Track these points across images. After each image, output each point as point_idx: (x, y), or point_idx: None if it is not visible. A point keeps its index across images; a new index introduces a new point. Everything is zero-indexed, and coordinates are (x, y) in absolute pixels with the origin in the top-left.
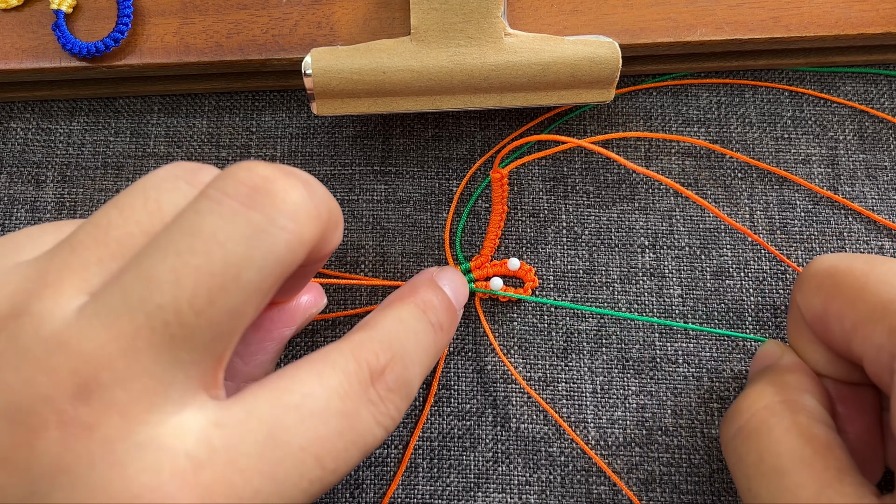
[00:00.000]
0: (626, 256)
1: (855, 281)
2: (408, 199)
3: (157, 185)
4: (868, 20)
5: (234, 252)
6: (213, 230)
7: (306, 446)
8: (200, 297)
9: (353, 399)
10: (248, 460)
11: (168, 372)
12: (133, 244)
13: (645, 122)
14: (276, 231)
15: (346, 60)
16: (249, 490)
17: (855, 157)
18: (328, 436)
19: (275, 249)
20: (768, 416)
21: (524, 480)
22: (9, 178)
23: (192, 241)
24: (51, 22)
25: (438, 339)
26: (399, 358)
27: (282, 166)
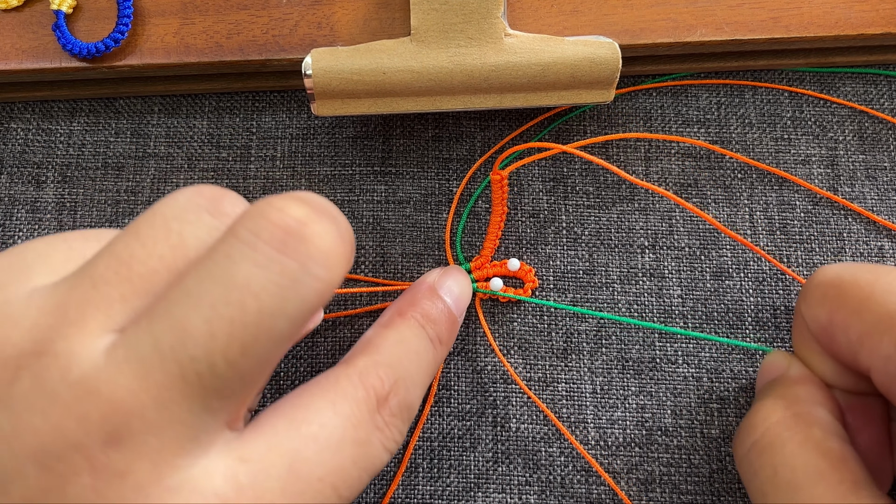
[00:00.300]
0: (625, 257)
1: (860, 291)
2: (408, 199)
3: (179, 215)
4: (868, 20)
5: (268, 304)
6: (247, 280)
7: (324, 477)
8: (234, 349)
9: (365, 427)
10: (273, 495)
11: (199, 419)
12: (157, 280)
13: (645, 123)
14: (309, 280)
15: (346, 61)
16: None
17: (855, 158)
18: (343, 465)
19: (307, 298)
20: (782, 431)
21: (524, 480)
22: (9, 178)
23: (227, 291)
24: (51, 22)
25: (438, 353)
26: (402, 381)
27: (312, 202)
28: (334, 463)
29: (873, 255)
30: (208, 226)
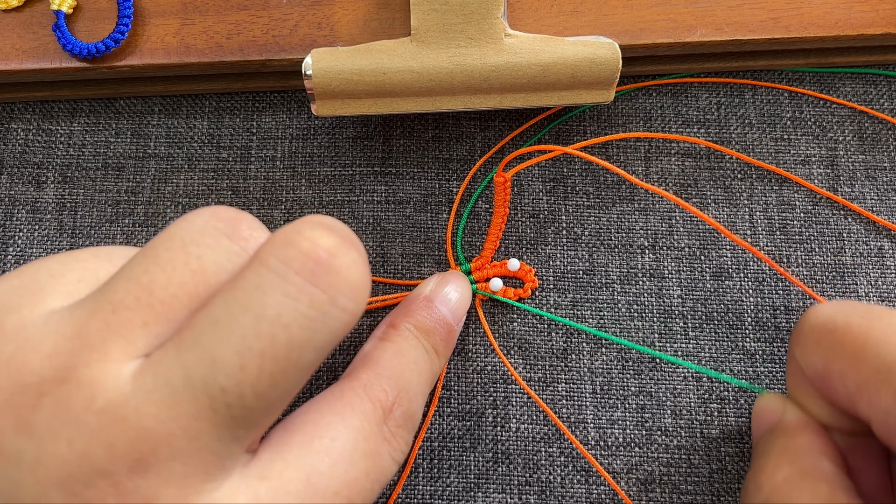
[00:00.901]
0: (625, 257)
1: (854, 340)
2: (408, 200)
3: (197, 239)
4: (868, 21)
5: (298, 336)
6: (278, 312)
7: (340, 490)
8: (264, 381)
9: (374, 438)
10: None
11: (226, 447)
12: (178, 307)
13: (645, 123)
14: (338, 312)
15: (346, 61)
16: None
17: (854, 158)
18: (357, 477)
19: (335, 330)
20: (789, 491)
21: (524, 480)
22: (9, 178)
23: (257, 322)
24: (51, 22)
25: (435, 364)
26: (404, 392)
27: (340, 231)
28: (349, 476)
29: (873, 255)
30: (227, 251)
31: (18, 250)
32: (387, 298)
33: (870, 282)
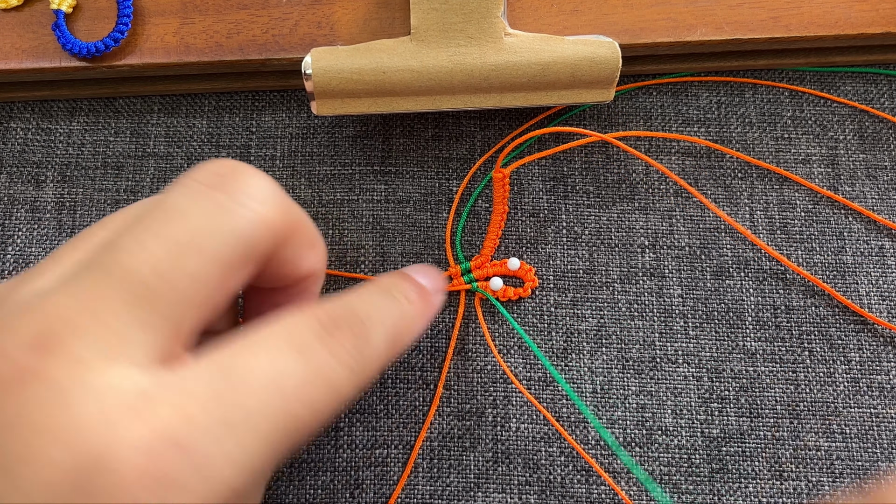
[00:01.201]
0: (626, 256)
1: None
2: (408, 198)
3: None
4: (868, 20)
5: (197, 223)
6: (177, 205)
7: (264, 388)
8: (164, 261)
9: (309, 343)
10: (206, 399)
11: (128, 329)
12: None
13: (645, 122)
14: (237, 207)
15: (346, 60)
16: (209, 421)
17: (855, 157)
18: (288, 372)
19: (237, 225)
20: None
21: (524, 480)
22: (9, 178)
23: (159, 213)
24: (51, 22)
25: (406, 308)
26: (356, 317)
27: (248, 165)
28: (276, 381)
29: (874, 255)
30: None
31: (18, 249)
32: None
33: (870, 281)
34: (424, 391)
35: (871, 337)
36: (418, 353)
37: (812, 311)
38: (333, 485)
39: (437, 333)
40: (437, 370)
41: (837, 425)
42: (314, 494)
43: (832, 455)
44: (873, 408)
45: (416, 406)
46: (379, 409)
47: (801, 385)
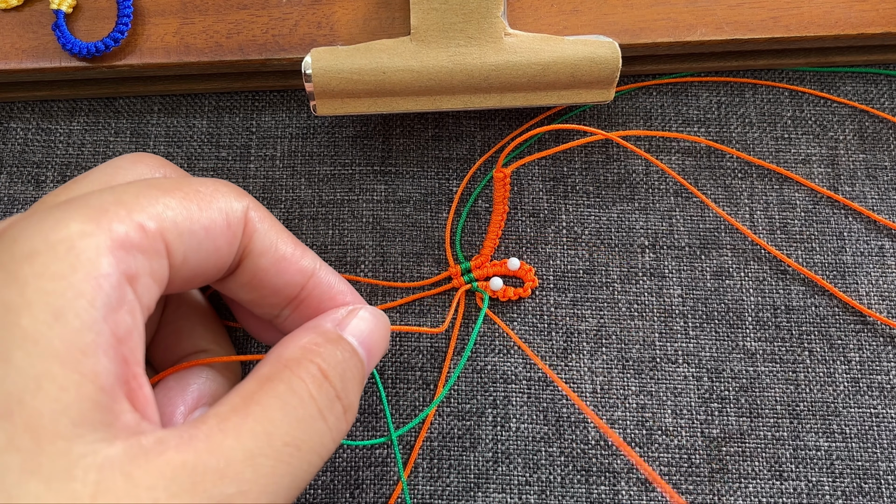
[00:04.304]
0: (626, 256)
1: None
2: (408, 199)
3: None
4: (868, 20)
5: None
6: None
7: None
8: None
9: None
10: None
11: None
12: None
13: (645, 122)
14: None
15: (346, 60)
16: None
17: (855, 157)
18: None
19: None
20: None
21: (524, 480)
22: (9, 178)
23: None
24: (51, 22)
25: (331, 426)
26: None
27: None
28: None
29: (874, 254)
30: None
31: None
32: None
33: (871, 281)
34: (424, 391)
35: (871, 337)
36: (418, 353)
37: (812, 311)
38: (333, 485)
39: (436, 333)
40: (437, 370)
41: (837, 425)
42: (314, 494)
43: (832, 455)
44: (873, 408)
45: (416, 406)
46: (379, 409)
47: (801, 385)
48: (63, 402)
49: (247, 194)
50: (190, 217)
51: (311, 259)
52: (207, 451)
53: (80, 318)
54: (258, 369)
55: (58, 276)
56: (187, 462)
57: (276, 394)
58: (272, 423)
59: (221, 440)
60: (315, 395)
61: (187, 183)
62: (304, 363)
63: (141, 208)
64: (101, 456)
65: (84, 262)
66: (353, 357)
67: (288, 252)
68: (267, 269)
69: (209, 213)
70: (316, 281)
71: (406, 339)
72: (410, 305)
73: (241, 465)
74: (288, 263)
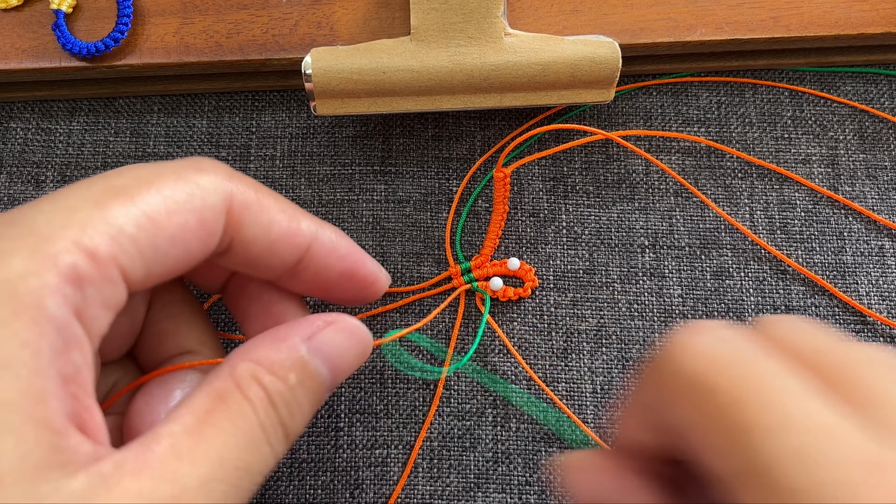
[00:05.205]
0: (626, 256)
1: (730, 416)
2: (408, 198)
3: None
4: (868, 20)
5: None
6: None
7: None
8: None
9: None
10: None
11: None
12: None
13: (645, 122)
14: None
15: (346, 60)
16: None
17: (855, 157)
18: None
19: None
20: None
21: (524, 480)
22: (9, 178)
23: None
24: (51, 22)
25: (276, 449)
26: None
27: None
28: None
29: (874, 254)
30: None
31: None
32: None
33: (871, 281)
34: (424, 391)
35: (872, 337)
36: (418, 353)
37: (812, 310)
38: (333, 485)
39: (436, 333)
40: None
41: None
42: (314, 494)
43: None
44: None
45: (416, 406)
46: (379, 409)
47: None
48: (22, 450)
49: (233, 175)
50: (153, 230)
51: (308, 227)
52: (162, 479)
53: (28, 367)
54: (210, 381)
55: (1, 323)
56: (143, 490)
57: (227, 415)
58: (225, 447)
59: (176, 467)
60: (263, 420)
61: (158, 180)
62: (254, 386)
63: (94, 230)
64: (66, 492)
65: (27, 307)
66: (307, 381)
67: (281, 233)
68: (259, 253)
69: (178, 218)
70: (317, 248)
71: (406, 339)
72: (410, 306)
73: (195, 493)
74: (282, 244)
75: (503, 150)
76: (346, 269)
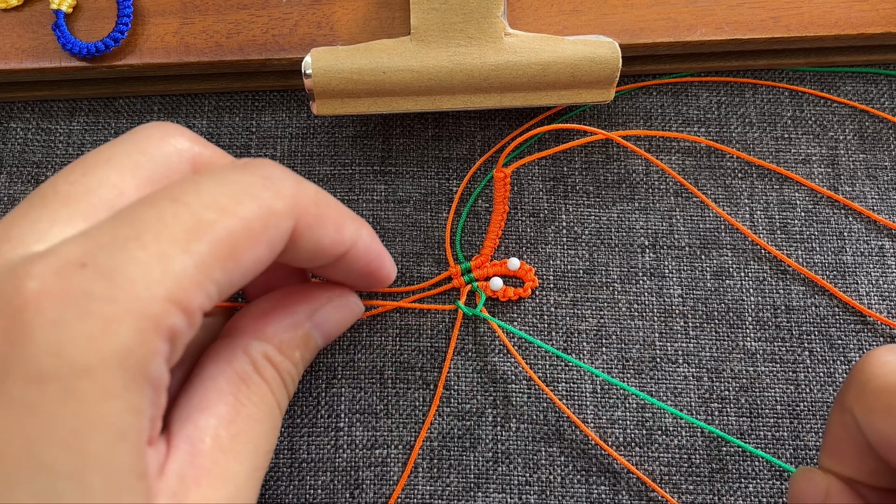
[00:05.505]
0: (626, 256)
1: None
2: (408, 198)
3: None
4: (868, 20)
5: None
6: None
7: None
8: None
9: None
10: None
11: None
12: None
13: (645, 122)
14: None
15: (346, 60)
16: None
17: (855, 157)
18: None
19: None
20: None
21: (524, 480)
22: (9, 178)
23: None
24: (51, 22)
25: (279, 413)
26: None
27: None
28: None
29: (874, 254)
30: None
31: None
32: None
33: (871, 281)
34: (424, 391)
35: (872, 337)
36: (418, 353)
37: (812, 311)
38: (333, 485)
39: (436, 333)
40: (437, 370)
41: None
42: (314, 494)
43: None
44: None
45: (416, 406)
46: (379, 409)
47: (801, 385)
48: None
49: (299, 190)
50: (233, 269)
51: (350, 234)
52: (220, 482)
53: (136, 432)
54: (228, 361)
55: (114, 394)
56: (207, 497)
57: (253, 401)
58: (258, 437)
59: (225, 464)
60: (279, 399)
61: (239, 208)
62: (268, 367)
63: (188, 282)
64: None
65: (136, 376)
66: (307, 354)
67: (327, 244)
68: (297, 259)
69: (254, 253)
70: (352, 252)
71: (406, 339)
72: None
73: (245, 488)
74: (324, 253)
75: (503, 150)
76: (369, 269)
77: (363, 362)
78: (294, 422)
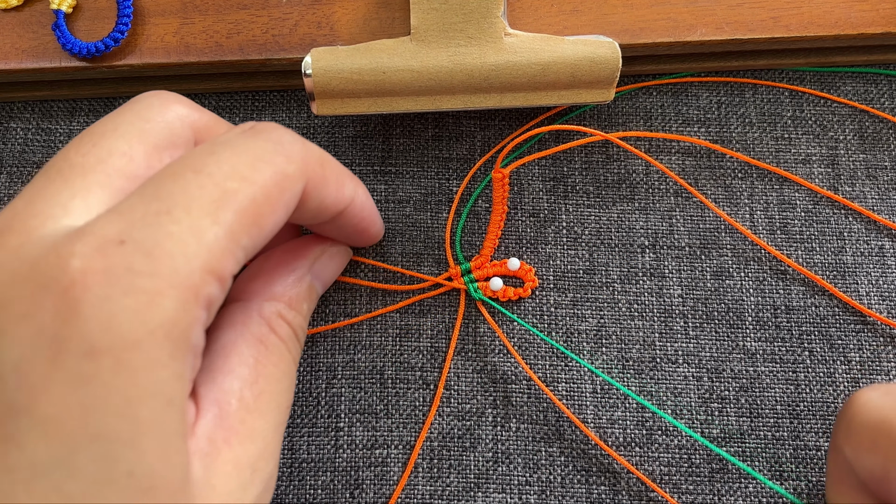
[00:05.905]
0: (626, 256)
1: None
2: (408, 198)
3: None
4: (868, 20)
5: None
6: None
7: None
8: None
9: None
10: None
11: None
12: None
13: (645, 122)
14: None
15: (346, 60)
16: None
17: (855, 157)
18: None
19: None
20: None
21: (524, 480)
22: (9, 178)
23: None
24: (51, 22)
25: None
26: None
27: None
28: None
29: (874, 255)
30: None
31: None
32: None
33: (871, 281)
34: (424, 391)
35: (872, 337)
36: (418, 353)
37: (812, 311)
38: (333, 485)
39: (436, 333)
40: (438, 370)
41: None
42: (314, 494)
43: None
44: None
45: (417, 406)
46: (379, 409)
47: (801, 385)
48: (182, 470)
49: (307, 152)
50: (258, 234)
51: (349, 192)
52: (249, 440)
53: (181, 397)
54: (245, 323)
55: (161, 364)
56: (239, 457)
57: (272, 361)
58: (280, 394)
59: (252, 423)
60: (294, 354)
61: (259, 176)
62: (282, 325)
63: (222, 252)
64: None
65: (180, 345)
66: (312, 304)
67: (329, 202)
68: (305, 217)
69: (275, 217)
70: (349, 210)
71: (406, 339)
72: (410, 306)
73: (272, 443)
74: (325, 210)
75: (503, 151)
76: (363, 226)
77: (363, 362)
78: (294, 422)
